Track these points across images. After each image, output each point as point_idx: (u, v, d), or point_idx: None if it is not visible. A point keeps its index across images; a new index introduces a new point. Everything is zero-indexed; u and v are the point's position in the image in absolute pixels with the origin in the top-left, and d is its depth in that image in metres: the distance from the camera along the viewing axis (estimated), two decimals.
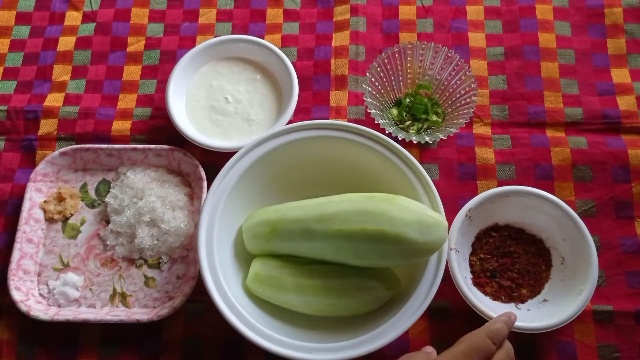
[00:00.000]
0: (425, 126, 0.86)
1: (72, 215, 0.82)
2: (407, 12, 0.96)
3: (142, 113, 0.89)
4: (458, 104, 0.84)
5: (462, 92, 0.84)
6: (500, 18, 0.94)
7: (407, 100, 0.87)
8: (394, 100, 0.89)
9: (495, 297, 0.74)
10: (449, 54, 0.84)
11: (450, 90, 0.85)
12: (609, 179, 0.82)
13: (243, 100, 0.86)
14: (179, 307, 0.73)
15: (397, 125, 0.86)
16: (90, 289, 0.78)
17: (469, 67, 0.84)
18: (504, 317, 0.63)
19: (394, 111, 0.87)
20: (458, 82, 0.84)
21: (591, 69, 0.90)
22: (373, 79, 0.84)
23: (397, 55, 0.85)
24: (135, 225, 0.79)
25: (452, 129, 0.80)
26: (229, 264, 0.70)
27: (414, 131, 0.85)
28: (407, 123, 0.86)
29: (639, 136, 0.84)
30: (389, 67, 0.86)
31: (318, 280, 0.69)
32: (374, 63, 0.84)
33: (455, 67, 0.84)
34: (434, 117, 0.86)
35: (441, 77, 0.86)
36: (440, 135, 0.81)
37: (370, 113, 0.81)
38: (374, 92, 0.85)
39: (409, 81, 0.88)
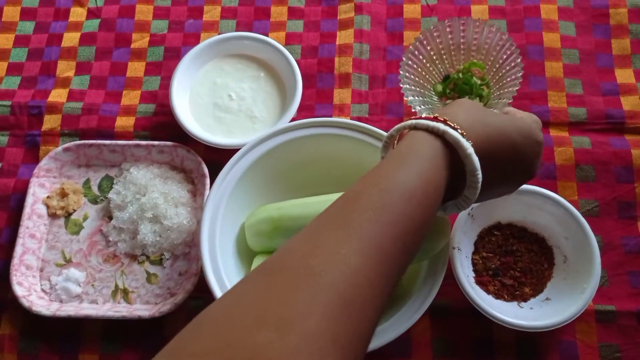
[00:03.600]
0: None
1: (74, 211, 0.82)
2: (411, 10, 0.95)
3: (146, 109, 0.89)
4: (503, 89, 0.79)
5: (507, 72, 0.78)
6: (505, 17, 0.94)
7: (456, 76, 0.81)
8: (442, 76, 0.83)
9: (498, 296, 0.74)
10: (503, 36, 0.79)
11: (500, 72, 0.80)
12: (612, 179, 0.81)
13: (247, 98, 0.86)
14: (180, 304, 0.73)
15: (438, 101, 0.81)
16: (92, 285, 0.78)
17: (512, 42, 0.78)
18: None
19: (439, 87, 0.82)
20: (504, 59, 0.79)
21: (595, 69, 0.90)
22: (417, 52, 0.79)
23: (434, 34, 0.80)
24: (138, 221, 0.79)
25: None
26: (231, 261, 0.71)
27: None
28: (448, 102, 0.81)
29: None
30: (429, 47, 0.81)
31: None
32: (420, 35, 0.79)
33: (505, 50, 0.78)
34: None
35: (495, 58, 0.80)
36: None
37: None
38: (415, 66, 0.79)
39: (462, 57, 0.83)
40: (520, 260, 0.76)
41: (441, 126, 0.50)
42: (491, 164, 0.52)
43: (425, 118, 0.51)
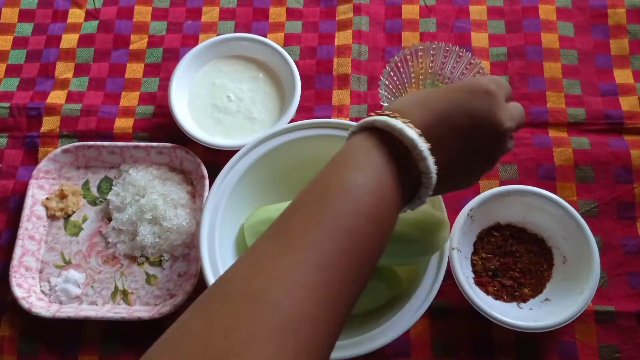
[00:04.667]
0: None
1: (74, 212, 0.82)
2: (410, 11, 0.95)
3: (145, 111, 0.89)
4: None
5: None
6: (503, 18, 0.94)
7: None
8: None
9: (497, 297, 0.74)
10: (461, 53, 0.83)
11: None
12: (611, 180, 0.81)
13: (245, 99, 0.86)
14: (180, 305, 0.73)
15: None
16: (92, 286, 0.78)
17: (481, 66, 0.82)
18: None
19: None
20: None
21: (594, 69, 0.90)
22: (392, 73, 0.83)
23: (419, 53, 0.84)
24: (137, 222, 0.79)
25: None
26: (230, 262, 0.70)
27: None
28: None
29: None
30: (410, 64, 0.85)
31: None
32: (395, 57, 0.83)
33: (467, 66, 0.83)
34: None
35: (453, 77, 0.85)
36: None
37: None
38: (390, 87, 0.83)
39: (428, 82, 0.87)
40: (519, 260, 0.76)
41: (387, 119, 0.47)
42: (449, 137, 0.49)
43: (376, 114, 0.49)
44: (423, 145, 0.46)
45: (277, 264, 0.39)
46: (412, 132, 0.46)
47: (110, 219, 0.81)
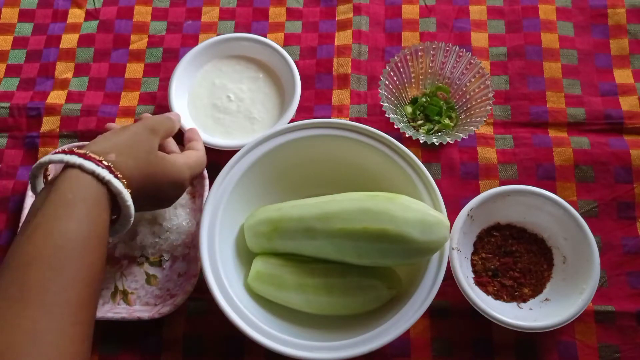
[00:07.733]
0: (436, 128, 0.85)
1: None
2: (409, 11, 0.95)
3: (145, 111, 0.89)
4: (472, 112, 0.84)
5: (477, 100, 0.84)
6: (503, 18, 0.94)
7: (424, 99, 0.87)
8: (410, 98, 0.89)
9: (497, 297, 0.74)
10: (469, 58, 0.84)
11: (467, 96, 0.85)
12: (611, 180, 0.81)
13: (245, 99, 0.86)
14: (180, 305, 0.73)
15: (408, 122, 0.86)
16: None
17: (481, 66, 0.83)
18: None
19: (409, 108, 0.87)
20: (476, 90, 0.84)
21: (594, 69, 0.90)
22: (392, 73, 0.84)
23: (419, 53, 0.85)
24: (137, 222, 0.79)
25: (461, 135, 0.80)
26: (230, 262, 0.71)
27: (424, 131, 0.85)
28: (419, 122, 0.86)
29: None
30: (410, 64, 0.86)
31: (319, 279, 0.69)
32: (395, 57, 0.84)
33: (467, 66, 0.85)
34: (447, 121, 0.85)
35: (461, 82, 0.86)
36: (448, 139, 0.80)
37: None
38: (390, 87, 0.85)
39: (428, 82, 0.88)
40: (519, 260, 0.76)
41: (107, 175, 0.56)
42: (142, 197, 0.62)
43: (91, 159, 0.56)
44: (132, 219, 0.60)
45: (18, 321, 0.44)
46: (132, 209, 0.59)
47: None
